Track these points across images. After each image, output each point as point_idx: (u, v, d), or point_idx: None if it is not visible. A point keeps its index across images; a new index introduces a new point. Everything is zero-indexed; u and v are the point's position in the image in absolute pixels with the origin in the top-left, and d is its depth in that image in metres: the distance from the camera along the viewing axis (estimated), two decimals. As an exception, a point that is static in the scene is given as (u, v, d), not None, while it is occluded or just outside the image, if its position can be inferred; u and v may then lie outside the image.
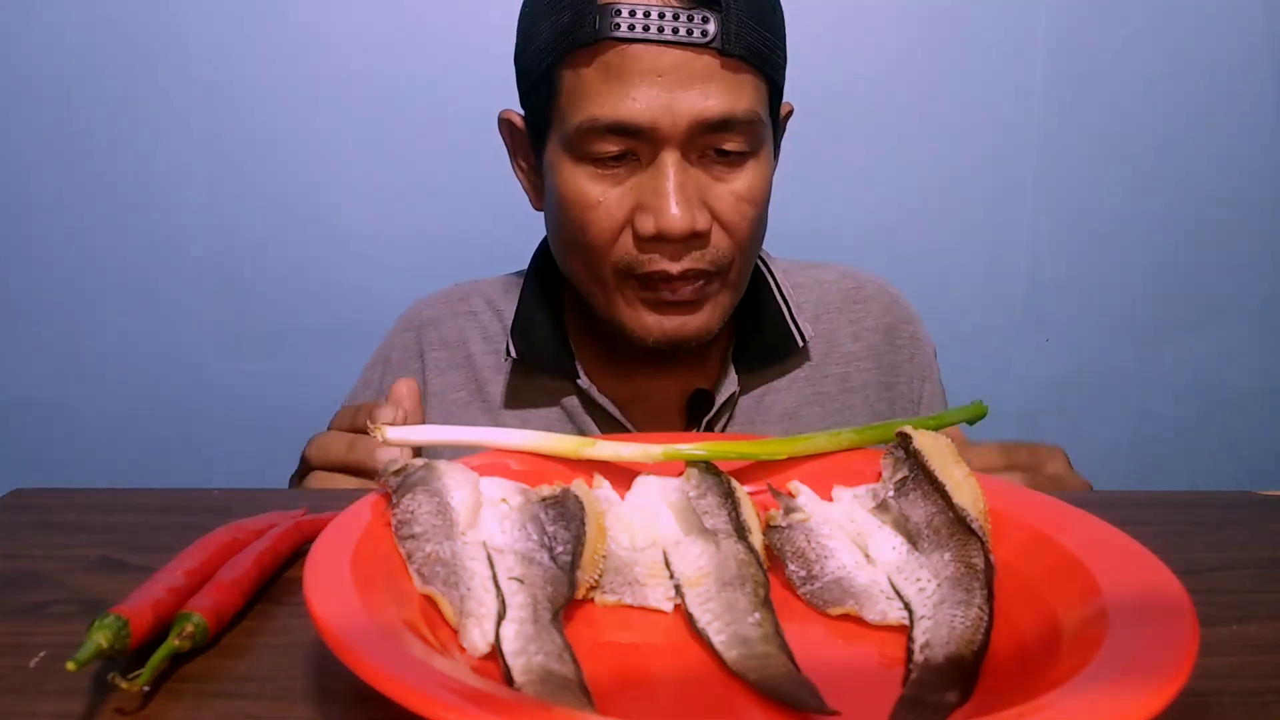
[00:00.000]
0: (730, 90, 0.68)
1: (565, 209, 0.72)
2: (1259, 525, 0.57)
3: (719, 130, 0.69)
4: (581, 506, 0.44)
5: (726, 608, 0.39)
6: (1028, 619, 0.39)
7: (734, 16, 0.67)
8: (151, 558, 0.46)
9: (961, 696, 0.34)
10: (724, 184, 0.71)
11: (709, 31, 0.66)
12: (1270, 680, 0.38)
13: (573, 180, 0.71)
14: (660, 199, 0.68)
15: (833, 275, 0.89)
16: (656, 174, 0.69)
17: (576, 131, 0.69)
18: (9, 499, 0.58)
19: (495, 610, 0.36)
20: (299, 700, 0.35)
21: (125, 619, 0.36)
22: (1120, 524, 0.42)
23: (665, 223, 0.68)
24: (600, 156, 0.69)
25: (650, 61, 0.67)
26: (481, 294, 0.87)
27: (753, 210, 0.72)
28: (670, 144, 0.68)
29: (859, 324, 0.86)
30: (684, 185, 0.69)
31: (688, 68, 0.67)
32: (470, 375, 0.83)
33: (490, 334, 0.84)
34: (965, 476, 0.46)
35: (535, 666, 0.33)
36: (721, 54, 0.67)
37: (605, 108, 0.67)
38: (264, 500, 0.61)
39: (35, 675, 0.37)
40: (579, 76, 0.69)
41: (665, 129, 0.67)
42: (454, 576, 0.39)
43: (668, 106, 0.67)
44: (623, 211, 0.70)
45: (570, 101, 0.70)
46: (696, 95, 0.67)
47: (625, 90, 0.67)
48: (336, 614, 0.33)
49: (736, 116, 0.68)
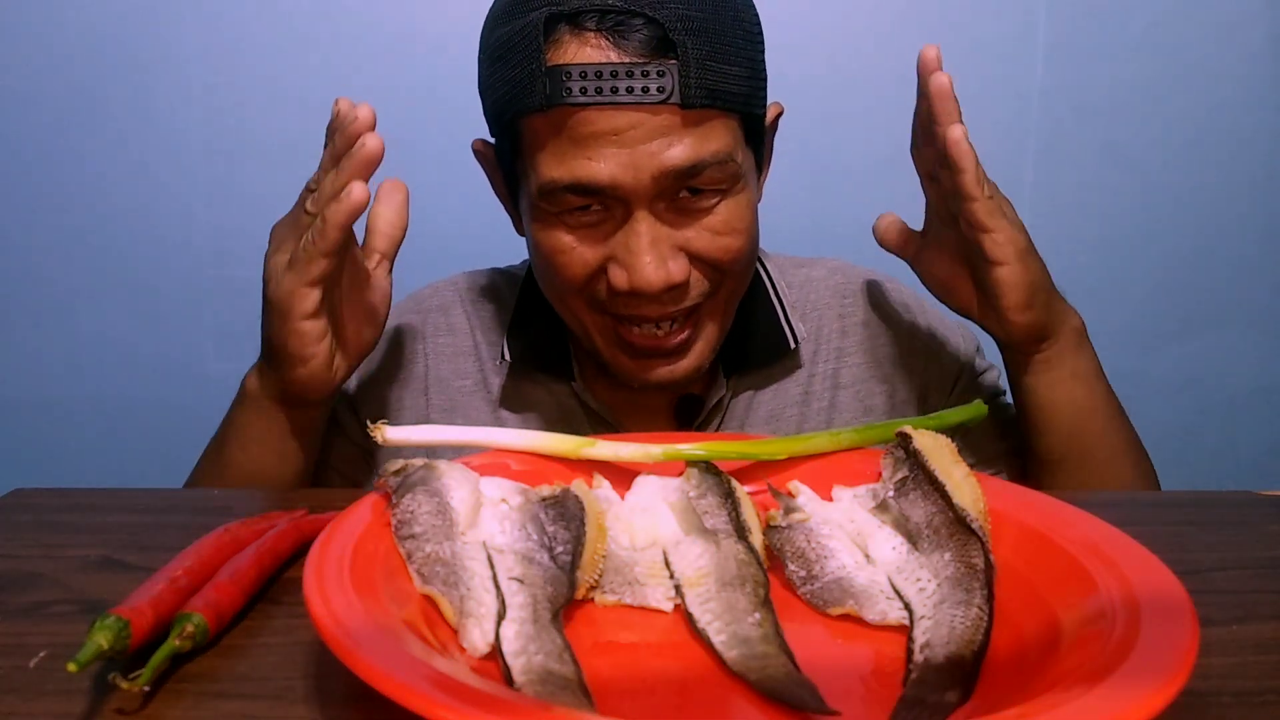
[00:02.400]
0: (695, 139, 0.65)
1: (538, 254, 0.71)
2: (1259, 525, 0.57)
3: (688, 176, 0.66)
4: (581, 507, 0.44)
5: (726, 608, 0.39)
6: (1028, 619, 0.39)
7: (693, 63, 0.63)
8: (151, 558, 0.46)
9: (961, 696, 0.34)
10: (701, 224, 0.68)
11: (666, 86, 0.63)
12: (1270, 680, 0.38)
13: (546, 230, 0.69)
14: (632, 256, 0.66)
15: (822, 272, 0.87)
16: (628, 231, 0.67)
17: (540, 191, 0.67)
18: (9, 499, 0.58)
19: (495, 610, 0.37)
20: (299, 700, 0.36)
21: (126, 620, 0.36)
22: (1120, 524, 0.42)
23: (639, 279, 0.66)
24: (569, 210, 0.67)
25: (606, 123, 0.63)
26: (491, 283, 0.87)
27: (735, 240, 0.70)
28: (638, 199, 0.65)
29: (847, 318, 0.84)
30: (656, 241, 0.66)
31: (646, 125, 0.64)
32: (476, 364, 0.82)
33: (497, 324, 0.83)
34: (965, 476, 0.46)
35: (535, 666, 0.33)
36: (683, 107, 0.64)
37: (563, 170, 0.65)
38: (264, 500, 0.61)
39: (35, 675, 0.37)
40: (537, 137, 0.66)
41: (629, 186, 0.65)
42: (454, 576, 0.39)
43: (629, 165, 0.64)
44: (596, 259, 0.68)
45: (531, 160, 0.67)
46: (659, 147, 0.64)
47: (582, 153, 0.64)
48: (336, 614, 0.33)
49: (704, 161, 0.65)
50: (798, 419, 0.82)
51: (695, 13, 0.64)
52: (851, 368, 0.83)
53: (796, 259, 0.90)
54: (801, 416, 0.82)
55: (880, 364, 0.84)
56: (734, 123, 0.68)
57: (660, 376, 0.73)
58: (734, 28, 0.66)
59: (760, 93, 0.71)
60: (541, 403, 0.81)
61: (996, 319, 0.70)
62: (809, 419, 0.82)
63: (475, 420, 0.80)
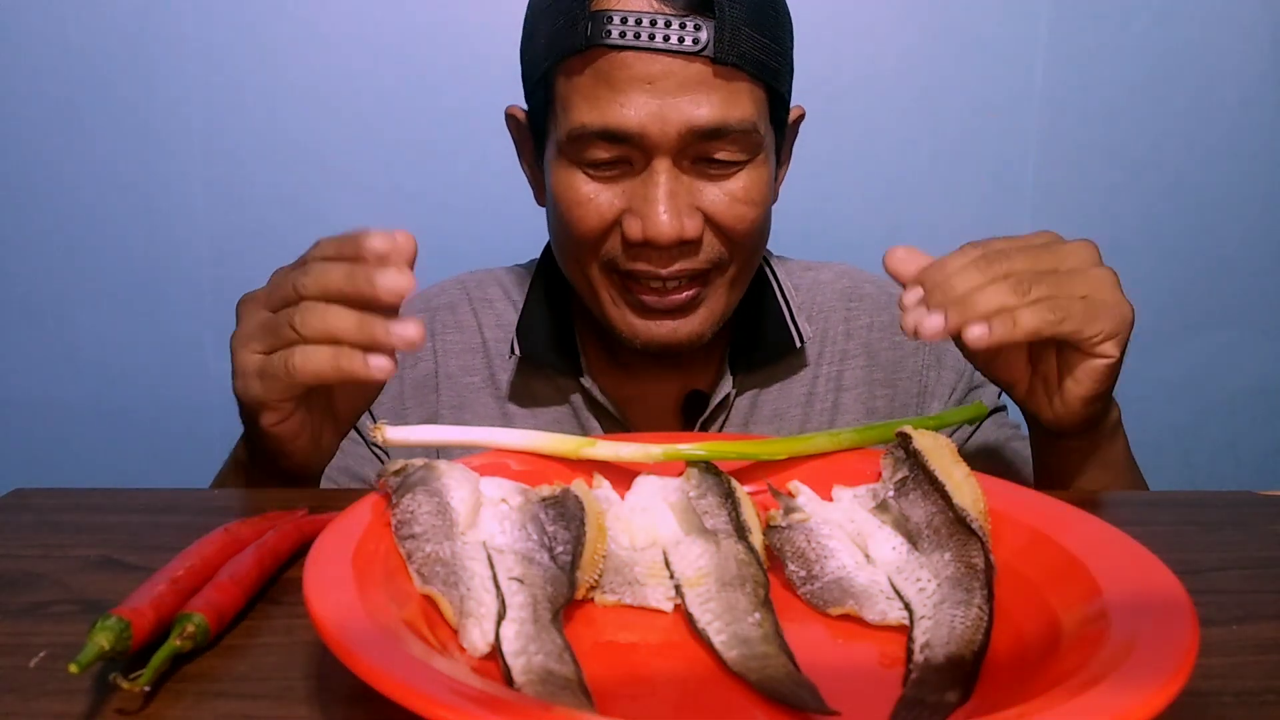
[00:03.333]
0: (723, 99, 0.68)
1: (557, 206, 0.73)
2: (1259, 525, 0.57)
3: (711, 138, 0.68)
4: (581, 507, 0.44)
5: (726, 608, 0.39)
6: (1028, 619, 0.39)
7: (729, 24, 0.66)
8: (151, 558, 0.46)
9: (961, 696, 0.34)
10: (718, 186, 0.70)
11: (701, 39, 0.66)
12: (1270, 680, 0.38)
13: (566, 179, 0.71)
14: (649, 205, 0.68)
15: (830, 275, 0.88)
16: (647, 180, 0.69)
17: (568, 137, 0.69)
18: (9, 499, 0.58)
19: (495, 610, 0.37)
20: (299, 700, 0.35)
21: (127, 620, 0.36)
22: (1120, 524, 0.42)
23: (653, 229, 0.68)
24: (593, 162, 0.70)
25: (641, 69, 0.66)
26: (497, 282, 0.87)
27: (750, 211, 0.72)
28: (661, 151, 0.68)
29: (852, 321, 0.85)
30: (674, 193, 0.69)
31: (679, 75, 0.67)
32: (485, 361, 0.83)
33: (504, 323, 0.84)
34: (965, 476, 0.46)
35: (535, 666, 0.33)
36: (715, 62, 0.67)
37: (594, 115, 0.68)
38: (264, 500, 0.61)
39: (35, 675, 0.37)
40: (571, 82, 0.69)
41: (655, 136, 0.67)
42: (454, 576, 0.39)
43: (658, 114, 0.67)
44: (612, 211, 0.70)
45: (563, 107, 0.70)
46: (687, 103, 0.67)
47: (615, 97, 0.67)
48: (336, 614, 0.33)
49: (729, 125, 0.68)
50: (801, 419, 0.82)
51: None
52: (855, 370, 0.84)
53: (804, 262, 0.90)
54: (805, 416, 0.82)
55: (884, 368, 0.84)
56: (760, 94, 0.70)
57: (664, 334, 0.73)
58: (770, 3, 0.70)
59: (787, 74, 0.73)
60: (549, 397, 0.81)
61: (1055, 405, 0.62)
62: (812, 419, 0.82)
63: (483, 416, 0.80)
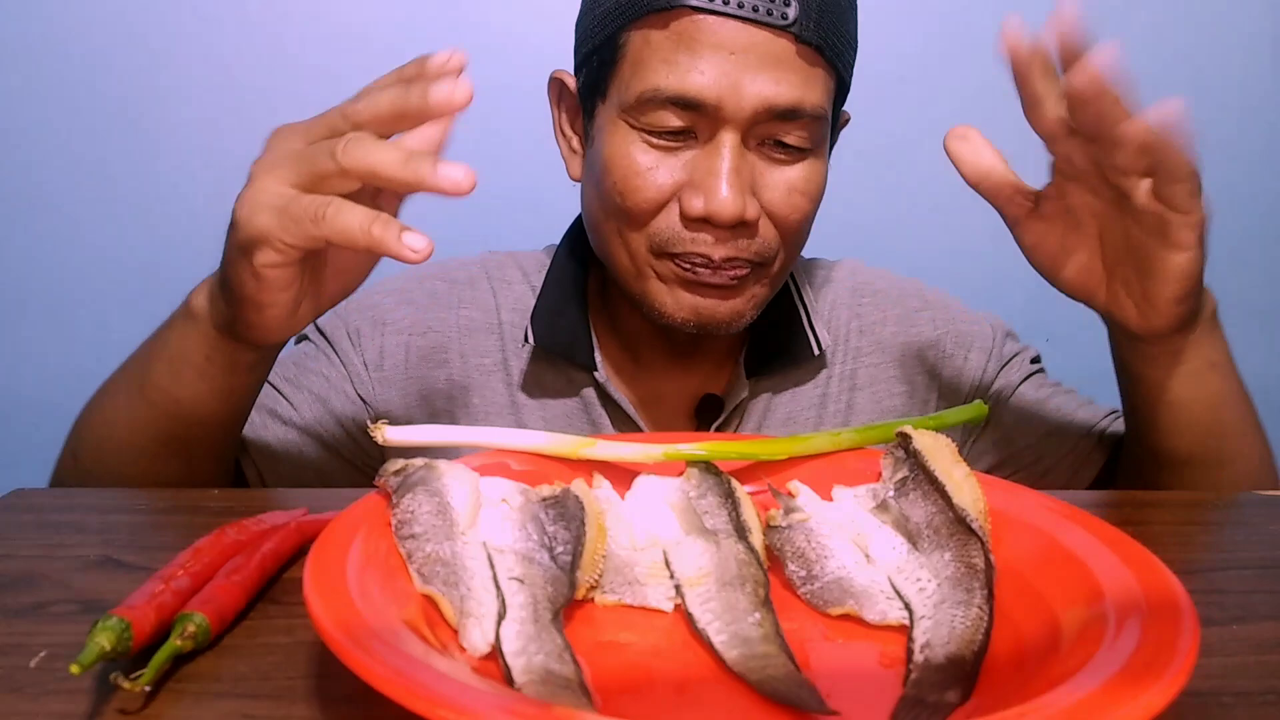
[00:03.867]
0: (802, 80, 0.66)
1: (609, 174, 0.69)
2: (1259, 525, 0.57)
3: (784, 119, 0.66)
4: (581, 507, 0.44)
5: (726, 608, 0.39)
6: (1028, 619, 0.39)
7: (815, 4, 0.65)
8: (151, 558, 0.46)
9: (961, 696, 0.34)
10: (779, 173, 0.69)
11: (789, 15, 0.64)
12: (1270, 680, 0.38)
13: (624, 146, 0.68)
14: (713, 179, 0.66)
15: (841, 272, 0.87)
16: (712, 153, 0.66)
17: (638, 100, 0.66)
18: (9, 499, 0.58)
19: (495, 610, 0.37)
20: (299, 700, 0.36)
21: (128, 621, 0.36)
22: (1120, 524, 0.42)
23: (715, 205, 0.66)
24: (657, 129, 0.67)
25: (725, 35, 0.64)
26: (517, 264, 0.85)
27: (805, 204, 0.70)
28: (732, 125, 0.66)
29: (863, 318, 0.84)
30: (739, 169, 0.66)
31: (762, 48, 0.64)
32: (499, 343, 0.80)
33: (521, 307, 0.81)
34: (965, 476, 0.46)
35: (536, 666, 0.33)
36: (799, 40, 0.65)
37: (671, 78, 0.65)
38: (264, 500, 0.61)
39: (35, 675, 0.37)
40: (648, 42, 0.66)
41: (729, 109, 0.65)
42: (454, 576, 0.39)
43: (735, 85, 0.64)
44: (671, 184, 0.68)
45: (634, 68, 0.67)
46: (767, 79, 0.65)
47: (694, 62, 0.64)
48: (336, 614, 0.33)
49: (804, 109, 0.66)
50: (815, 421, 0.81)
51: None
52: (869, 368, 0.82)
53: (815, 260, 0.89)
54: (819, 419, 0.81)
55: (898, 364, 0.83)
56: (831, 83, 0.69)
57: (707, 310, 0.71)
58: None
59: (851, 69, 0.72)
60: (560, 390, 0.79)
61: (1143, 309, 0.60)
62: (826, 421, 0.81)
63: (491, 401, 0.79)
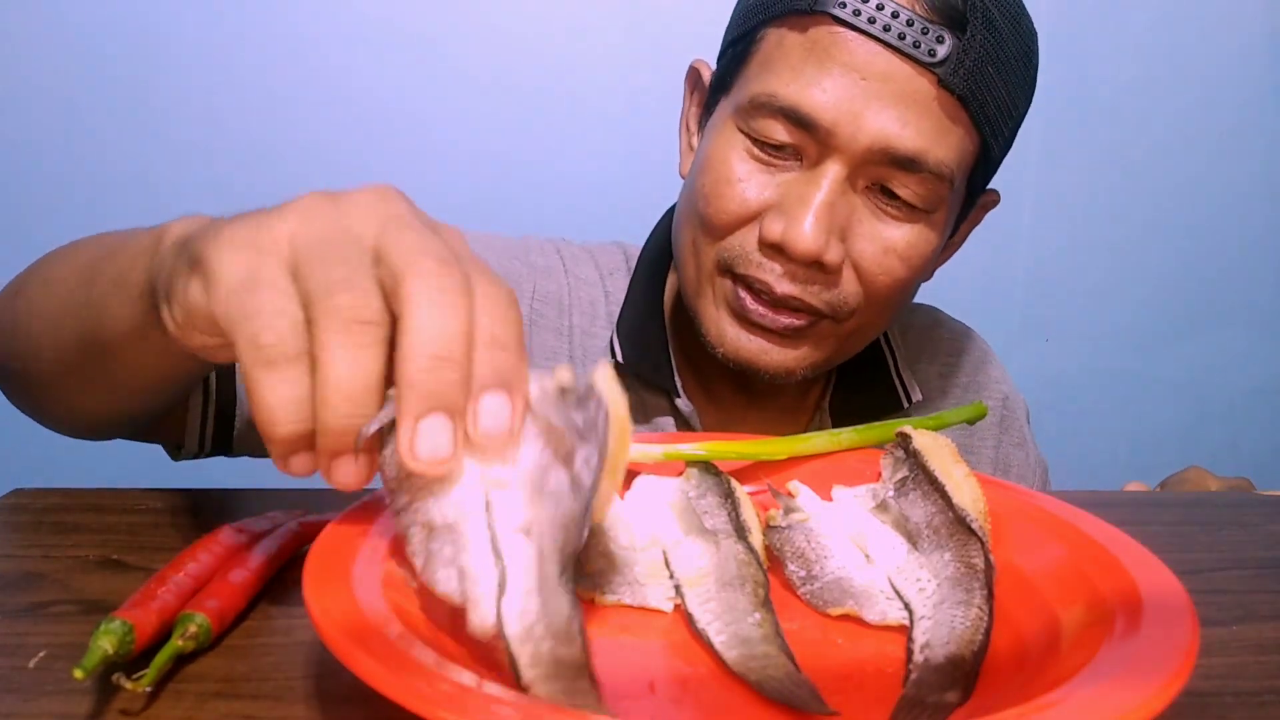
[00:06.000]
0: (934, 129, 0.59)
1: (703, 174, 0.64)
2: (1259, 525, 0.57)
3: (901, 167, 0.60)
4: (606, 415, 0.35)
5: (726, 608, 0.39)
6: (1028, 619, 0.39)
7: (975, 52, 0.58)
8: (151, 558, 0.46)
9: (961, 696, 0.34)
10: (880, 227, 0.62)
11: (938, 53, 0.58)
12: (1270, 680, 0.38)
13: (725, 149, 0.63)
14: (801, 207, 0.60)
15: (925, 320, 0.83)
16: (811, 180, 0.61)
17: (751, 102, 0.61)
18: (9, 499, 0.58)
19: (496, 581, 0.33)
20: (299, 700, 0.35)
21: (130, 624, 0.36)
22: (1120, 524, 0.42)
23: (793, 234, 0.60)
24: (763, 139, 0.62)
25: (860, 57, 0.58)
26: (591, 259, 0.78)
27: (900, 269, 0.63)
28: (841, 156, 0.60)
29: (949, 379, 0.80)
30: (833, 205, 0.60)
31: (898, 81, 0.58)
32: (567, 348, 0.74)
33: (595, 312, 0.75)
34: (965, 476, 0.46)
35: (544, 655, 0.32)
36: (941, 85, 0.58)
37: (791, 87, 0.60)
38: (264, 500, 0.61)
39: (35, 675, 0.37)
40: (779, 44, 0.61)
41: (843, 137, 0.59)
42: (453, 545, 0.34)
43: (856, 114, 0.58)
44: (758, 203, 0.62)
45: (760, 68, 0.62)
46: (892, 116, 0.58)
47: (819, 77, 0.59)
48: (336, 614, 0.33)
49: (926, 161, 0.60)
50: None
51: (997, 15, 0.60)
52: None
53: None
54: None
55: (970, 432, 0.80)
56: (971, 146, 0.62)
57: (750, 352, 0.65)
58: (1020, 57, 0.63)
59: (1005, 141, 0.65)
60: (638, 415, 0.72)
61: None
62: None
63: None
